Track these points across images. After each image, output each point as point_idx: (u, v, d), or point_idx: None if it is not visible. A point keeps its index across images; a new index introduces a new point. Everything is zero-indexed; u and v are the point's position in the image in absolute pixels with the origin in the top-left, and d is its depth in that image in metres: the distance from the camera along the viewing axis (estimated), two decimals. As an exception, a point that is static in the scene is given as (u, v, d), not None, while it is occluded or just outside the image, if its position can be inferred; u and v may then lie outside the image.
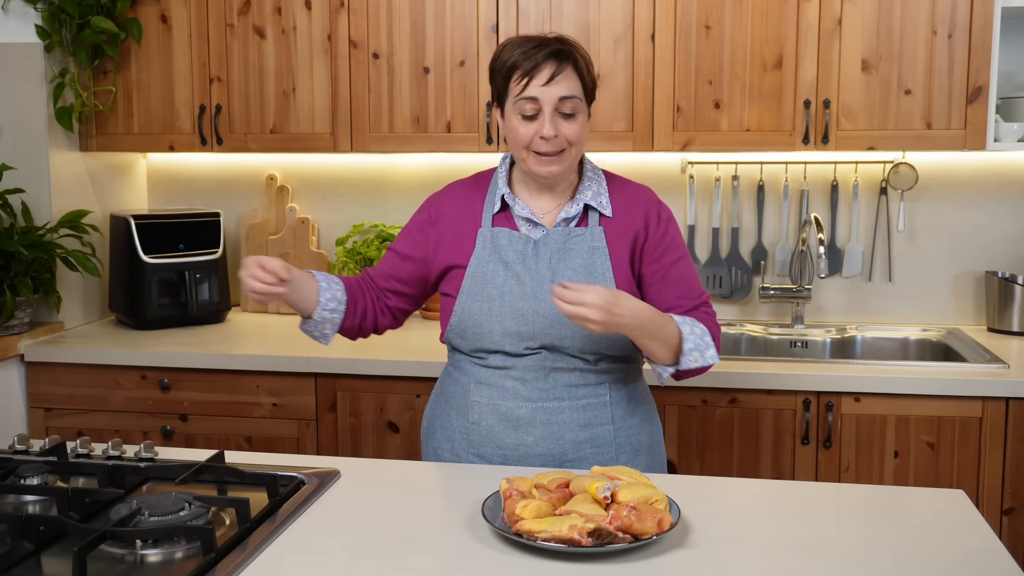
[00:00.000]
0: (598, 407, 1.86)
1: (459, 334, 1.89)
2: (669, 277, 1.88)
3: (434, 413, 1.99)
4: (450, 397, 1.94)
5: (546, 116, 1.78)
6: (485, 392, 1.87)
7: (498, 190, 1.91)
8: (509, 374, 1.85)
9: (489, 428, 1.87)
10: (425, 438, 2.02)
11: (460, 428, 1.90)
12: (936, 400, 2.50)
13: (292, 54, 3.02)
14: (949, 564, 1.38)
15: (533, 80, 1.78)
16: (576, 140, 1.81)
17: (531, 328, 1.83)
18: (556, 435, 1.84)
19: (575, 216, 1.88)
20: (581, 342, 1.83)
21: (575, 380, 1.85)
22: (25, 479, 1.64)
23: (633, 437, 1.90)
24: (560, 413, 1.84)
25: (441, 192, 2.00)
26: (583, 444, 1.85)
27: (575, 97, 1.80)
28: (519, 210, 1.88)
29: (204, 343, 2.91)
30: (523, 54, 1.79)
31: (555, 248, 1.85)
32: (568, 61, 1.79)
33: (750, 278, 3.18)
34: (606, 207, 1.88)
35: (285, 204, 3.41)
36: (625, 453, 1.89)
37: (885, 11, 2.73)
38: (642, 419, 1.93)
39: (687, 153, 3.08)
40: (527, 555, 1.40)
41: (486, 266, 1.87)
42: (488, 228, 1.89)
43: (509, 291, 1.84)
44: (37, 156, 3.02)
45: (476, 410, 1.88)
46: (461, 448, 1.90)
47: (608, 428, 1.87)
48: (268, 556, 1.42)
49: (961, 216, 3.07)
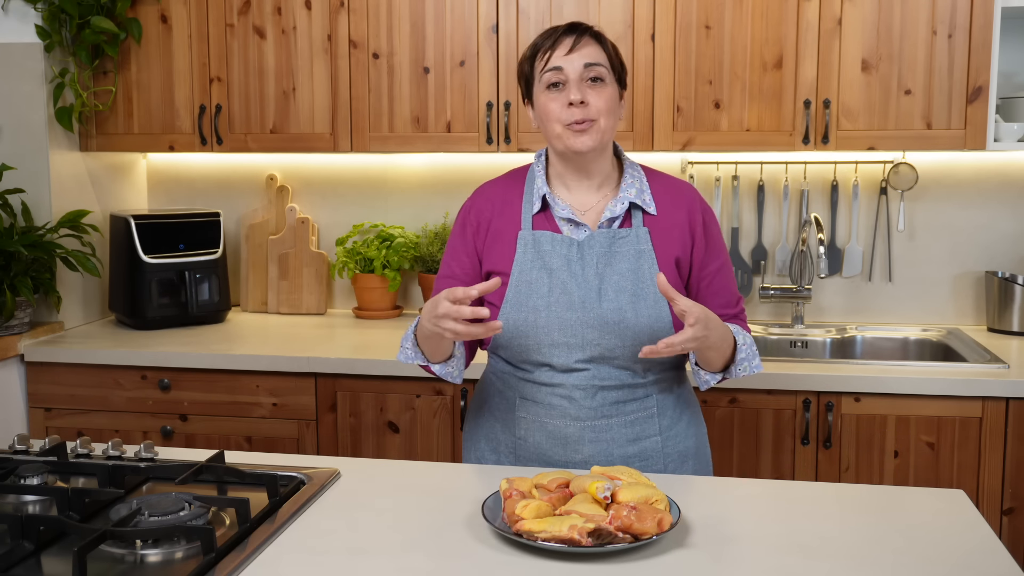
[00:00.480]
0: (646, 420, 1.83)
1: (504, 345, 1.84)
2: (714, 285, 1.85)
3: (478, 422, 1.96)
4: (495, 409, 1.91)
5: (572, 83, 1.76)
6: (531, 409, 1.84)
7: (537, 189, 1.85)
8: (556, 392, 1.81)
9: (536, 445, 1.84)
10: (468, 443, 1.98)
11: (506, 442, 1.88)
12: (936, 400, 2.50)
13: (292, 54, 3.02)
14: (949, 564, 1.38)
15: (555, 51, 1.78)
16: (605, 111, 1.77)
17: (579, 339, 1.78)
18: (605, 452, 1.81)
19: (619, 216, 1.82)
20: (632, 350, 1.78)
21: (623, 396, 1.81)
22: (25, 479, 1.64)
23: (680, 444, 1.87)
24: (609, 431, 1.81)
25: (473, 197, 1.93)
26: (632, 458, 1.82)
27: (599, 64, 1.78)
28: (560, 211, 1.83)
29: (204, 343, 2.91)
30: (543, 36, 1.82)
31: (601, 252, 1.80)
32: (587, 33, 1.80)
33: (750, 278, 3.18)
34: (650, 204, 1.83)
35: (285, 204, 3.41)
36: (673, 461, 1.86)
37: (885, 11, 2.73)
38: (688, 423, 1.90)
39: (687, 153, 3.08)
40: (527, 555, 1.40)
41: (530, 274, 1.80)
42: (529, 231, 1.83)
43: (555, 301, 1.78)
44: (37, 156, 3.02)
45: (523, 426, 1.85)
46: (507, 461, 1.88)
47: (656, 440, 1.84)
48: (268, 556, 1.42)
49: (961, 216, 3.07)
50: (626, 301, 1.77)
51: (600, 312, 1.77)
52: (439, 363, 1.83)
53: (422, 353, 1.82)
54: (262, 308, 3.42)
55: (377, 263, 3.19)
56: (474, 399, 2.01)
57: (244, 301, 3.43)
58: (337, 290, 3.44)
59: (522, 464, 1.86)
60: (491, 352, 1.93)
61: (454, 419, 2.70)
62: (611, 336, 1.78)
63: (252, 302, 3.42)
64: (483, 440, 1.93)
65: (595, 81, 1.78)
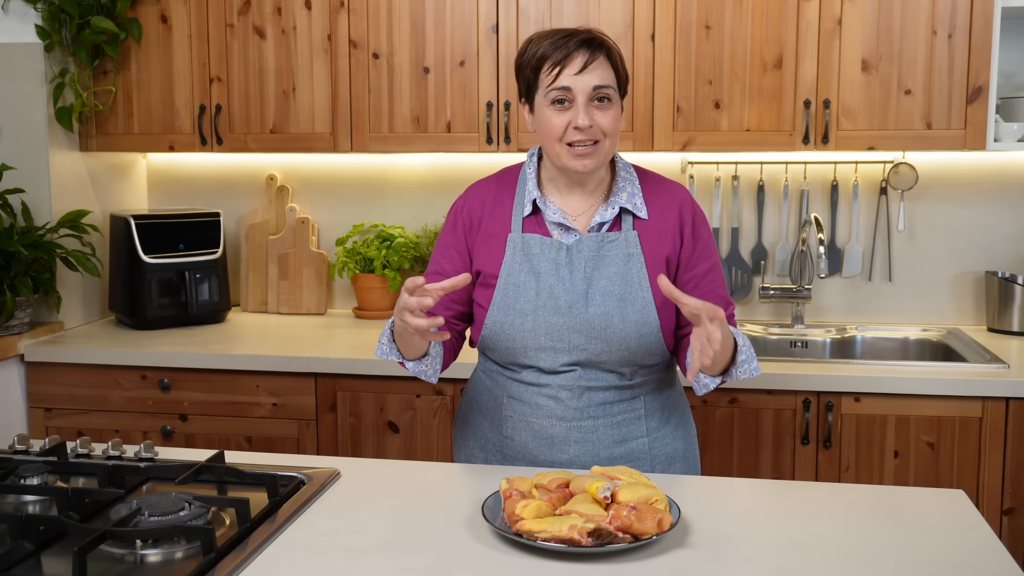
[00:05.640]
0: (632, 421, 1.83)
1: (491, 347, 1.84)
2: (701, 288, 1.84)
3: (467, 418, 1.96)
4: (483, 406, 1.91)
5: (580, 105, 1.72)
6: (518, 408, 1.84)
7: (528, 192, 1.83)
8: (543, 392, 1.81)
9: (523, 444, 1.84)
10: (458, 440, 1.99)
11: (494, 439, 1.88)
12: (936, 400, 2.50)
13: (292, 54, 3.02)
14: (949, 564, 1.38)
15: (565, 69, 1.72)
16: (610, 132, 1.75)
17: (566, 344, 1.78)
18: (591, 452, 1.81)
19: (609, 220, 1.81)
20: (619, 355, 1.78)
21: (610, 397, 1.81)
22: (25, 479, 1.64)
23: (668, 446, 1.87)
24: (595, 431, 1.81)
25: (465, 195, 1.91)
26: (618, 459, 1.82)
27: (609, 87, 1.74)
28: (551, 215, 1.81)
29: (204, 343, 2.91)
30: (552, 44, 1.74)
31: (589, 256, 1.79)
32: (600, 50, 1.74)
33: (750, 278, 3.18)
34: (641, 209, 1.82)
35: (285, 204, 3.41)
36: (660, 463, 1.86)
37: (885, 11, 2.73)
38: (676, 425, 1.90)
39: (687, 153, 3.08)
40: (527, 555, 1.40)
41: (518, 277, 1.80)
42: (519, 234, 1.81)
43: (542, 305, 1.78)
44: (37, 156, 3.02)
45: (509, 425, 1.85)
46: (495, 459, 1.88)
47: (643, 441, 1.84)
48: (268, 556, 1.42)
49: (961, 216, 3.07)
50: (613, 305, 1.77)
51: (587, 317, 1.77)
52: (413, 360, 1.81)
53: (397, 349, 1.80)
54: (262, 308, 3.42)
55: (377, 263, 3.19)
56: (464, 397, 2.01)
57: (244, 301, 3.43)
58: (337, 290, 3.44)
59: (509, 463, 1.86)
60: (481, 351, 1.93)
61: (454, 419, 2.70)
62: (597, 341, 1.77)
63: (252, 302, 3.42)
64: (472, 438, 1.93)
65: (602, 101, 1.75)
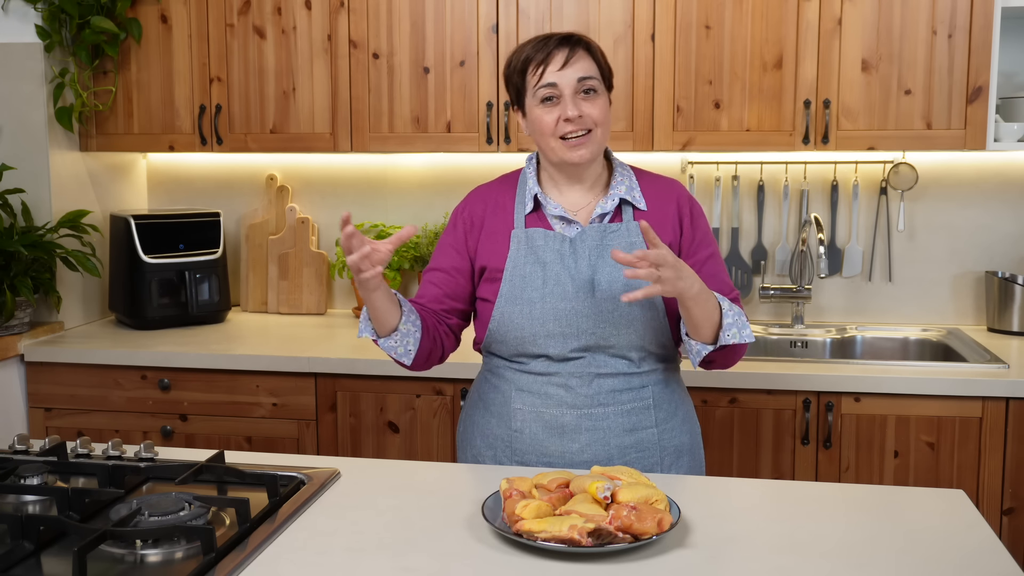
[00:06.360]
0: (642, 411, 1.85)
1: (499, 339, 1.86)
2: (704, 273, 1.85)
3: (472, 419, 1.96)
4: (490, 404, 1.92)
5: (567, 98, 1.79)
6: (528, 400, 1.85)
7: (528, 189, 1.89)
8: (552, 380, 1.83)
9: (533, 436, 1.85)
10: (462, 444, 1.99)
11: (502, 436, 1.88)
12: (936, 400, 2.50)
13: (292, 54, 3.02)
14: (949, 564, 1.38)
15: (549, 66, 1.80)
16: (600, 121, 1.82)
17: (575, 328, 1.81)
18: (602, 441, 1.82)
19: (610, 211, 1.86)
20: (627, 338, 1.81)
21: (619, 385, 1.83)
22: (25, 479, 1.64)
23: (676, 439, 1.89)
24: (605, 419, 1.83)
25: (467, 199, 1.96)
26: (628, 449, 1.84)
27: (593, 78, 1.81)
28: (552, 209, 1.86)
29: (204, 343, 2.91)
30: (534, 47, 1.83)
31: (592, 246, 1.83)
32: (580, 46, 1.82)
33: (750, 278, 3.18)
34: (640, 200, 1.87)
35: (285, 204, 3.41)
36: (669, 456, 1.87)
37: (885, 11, 2.73)
38: (683, 420, 1.92)
39: (687, 153, 3.08)
40: (527, 555, 1.40)
41: (524, 268, 1.84)
42: (522, 229, 1.86)
43: (549, 292, 1.82)
44: (37, 156, 3.02)
45: (519, 418, 1.86)
46: (504, 456, 1.88)
47: (652, 431, 1.86)
48: (268, 556, 1.42)
49: (961, 216, 3.07)
50: (620, 291, 1.80)
51: (594, 301, 1.80)
52: (384, 336, 1.81)
53: (372, 328, 1.81)
54: (262, 308, 3.42)
55: (377, 263, 3.19)
56: (467, 401, 2.02)
57: (244, 301, 3.43)
58: (337, 290, 3.44)
59: (518, 458, 1.86)
60: (485, 351, 1.95)
61: (454, 419, 2.70)
62: (606, 324, 1.80)
63: (252, 302, 3.42)
64: (478, 437, 1.93)
65: (588, 92, 1.81)
